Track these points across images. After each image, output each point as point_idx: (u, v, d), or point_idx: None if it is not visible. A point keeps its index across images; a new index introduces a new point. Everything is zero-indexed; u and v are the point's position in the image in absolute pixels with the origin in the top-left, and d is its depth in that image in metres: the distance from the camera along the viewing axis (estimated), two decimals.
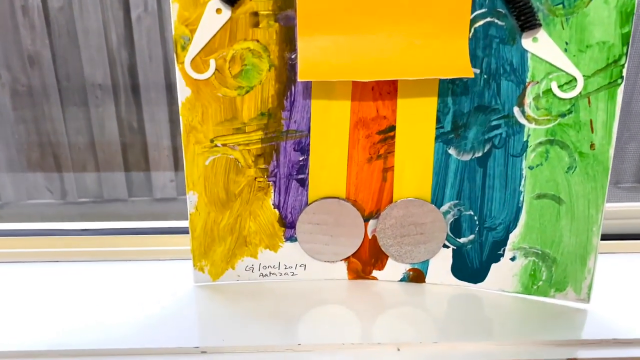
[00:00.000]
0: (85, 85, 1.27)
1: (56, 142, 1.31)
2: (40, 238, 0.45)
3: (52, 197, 1.38)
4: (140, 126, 1.30)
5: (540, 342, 0.35)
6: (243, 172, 0.37)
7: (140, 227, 0.46)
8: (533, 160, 0.36)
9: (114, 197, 1.37)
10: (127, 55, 1.23)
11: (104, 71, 1.23)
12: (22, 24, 1.19)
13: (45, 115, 1.28)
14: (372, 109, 0.36)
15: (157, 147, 1.30)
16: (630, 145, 1.45)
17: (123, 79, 1.25)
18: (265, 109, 0.35)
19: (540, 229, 0.37)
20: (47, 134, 1.30)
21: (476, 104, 0.35)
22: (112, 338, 0.35)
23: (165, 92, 1.23)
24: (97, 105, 1.27)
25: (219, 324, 0.36)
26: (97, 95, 1.26)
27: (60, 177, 1.34)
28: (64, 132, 1.30)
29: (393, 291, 0.40)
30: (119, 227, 0.46)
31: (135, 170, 1.34)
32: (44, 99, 1.26)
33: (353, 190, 0.38)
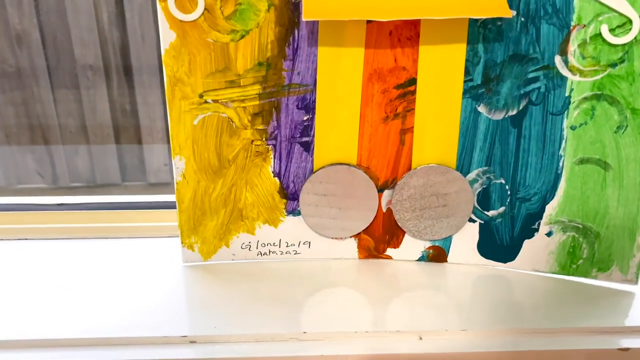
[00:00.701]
0: (76, 67, 1.21)
1: (46, 125, 1.25)
2: (10, 213, 0.39)
3: (44, 182, 1.32)
4: (133, 109, 1.24)
5: (580, 330, 0.30)
6: (238, 133, 0.31)
7: (122, 201, 0.40)
8: (576, 119, 0.30)
9: (107, 181, 1.31)
10: (119, 36, 1.17)
11: (95, 52, 1.17)
12: (9, 2, 1.13)
13: (34, 98, 1.22)
14: (389, 58, 0.30)
15: (151, 131, 1.24)
16: None
17: (115, 60, 1.19)
18: (264, 59, 0.30)
19: (583, 199, 0.31)
20: (37, 116, 1.24)
21: (511, 53, 0.30)
22: (88, 326, 0.29)
23: (158, 74, 1.17)
24: (89, 87, 1.21)
25: (211, 310, 0.31)
26: (88, 76, 1.20)
27: (52, 161, 1.29)
28: (54, 114, 1.24)
29: (410, 272, 0.34)
30: (99, 201, 0.40)
31: (129, 154, 1.28)
32: (33, 81, 1.21)
33: (366, 155, 0.32)
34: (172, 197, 0.35)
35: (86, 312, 0.30)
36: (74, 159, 1.30)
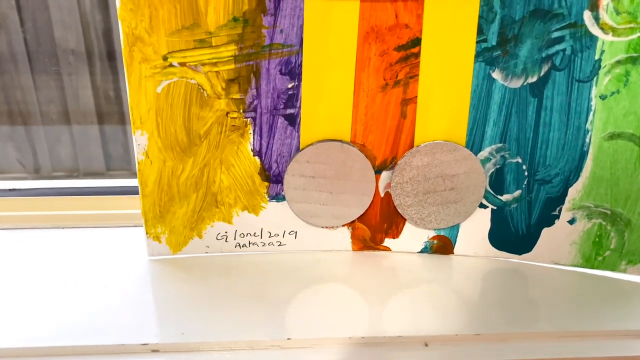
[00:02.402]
0: (57, 51, 1.15)
1: (27, 111, 1.19)
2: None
3: (25, 171, 1.26)
4: (117, 95, 1.18)
5: (607, 334, 0.25)
6: (210, 104, 0.26)
7: (81, 186, 0.35)
8: (607, 87, 0.25)
9: (91, 170, 1.26)
10: (102, 19, 1.11)
11: (76, 35, 1.11)
12: None
13: (14, 84, 1.16)
14: (389, 13, 0.25)
15: None
16: None
17: (98, 45, 1.13)
18: (240, 13, 0.24)
19: (612, 180, 0.27)
20: (16, 103, 1.18)
21: (532, 8, 0.25)
22: (36, 332, 0.24)
23: None
24: (70, 73, 1.15)
25: (179, 313, 0.26)
26: (69, 61, 1.14)
27: (33, 149, 1.23)
28: (35, 101, 1.18)
29: (412, 266, 0.29)
30: (55, 186, 0.35)
31: (113, 142, 1.23)
32: (12, 66, 1.14)
33: (361, 130, 0.27)
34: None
35: (31, 316, 0.25)
36: (56, 148, 1.24)
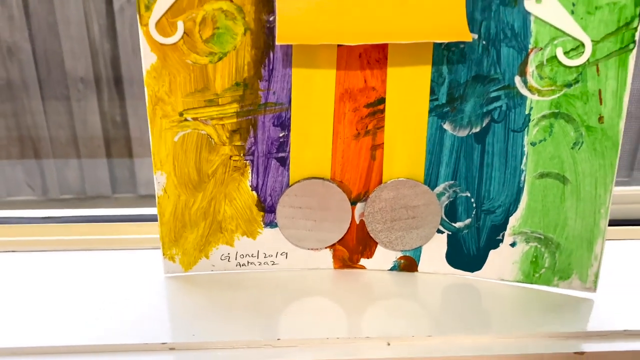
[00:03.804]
0: (67, 79, 1.22)
1: (37, 136, 1.26)
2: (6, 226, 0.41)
3: (34, 194, 1.32)
4: (124, 120, 1.25)
5: (543, 335, 0.31)
6: (217, 149, 0.33)
7: (106, 214, 0.42)
8: (536, 136, 0.32)
9: (97, 193, 1.32)
10: (110, 47, 1.18)
11: (86, 64, 1.19)
12: (1, 15, 1.14)
13: (25, 109, 1.23)
14: (359, 79, 0.32)
15: (142, 142, 1.25)
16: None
17: (106, 72, 1.21)
18: (241, 79, 0.32)
19: (543, 211, 0.33)
20: (27, 128, 1.25)
21: (474, 74, 0.32)
22: (70, 334, 0.31)
23: None
24: (79, 99, 1.23)
25: (190, 318, 0.32)
26: (78, 88, 1.22)
27: (42, 172, 1.29)
28: (45, 126, 1.25)
29: (383, 281, 0.36)
30: (84, 214, 0.42)
31: (119, 166, 1.30)
32: (24, 93, 1.22)
33: (339, 170, 0.34)
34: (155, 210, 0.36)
35: (70, 321, 0.32)
36: (64, 171, 1.31)
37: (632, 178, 1.55)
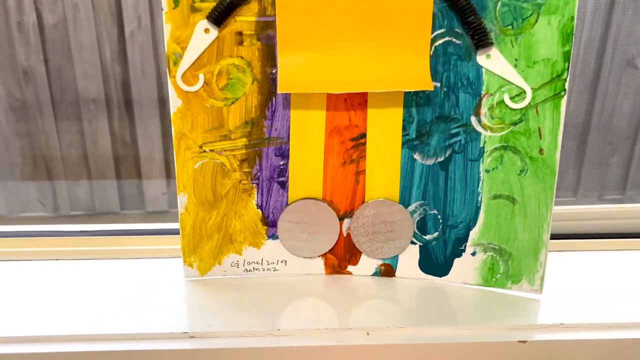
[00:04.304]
0: (79, 100, 1.31)
1: (49, 155, 1.35)
2: (46, 239, 0.49)
3: (45, 210, 1.41)
4: (133, 140, 1.34)
5: (496, 327, 0.39)
6: (229, 175, 0.41)
7: (134, 229, 0.50)
8: (489, 164, 0.40)
9: (106, 210, 1.41)
10: (121, 70, 1.27)
11: (97, 86, 1.28)
12: (18, 40, 1.23)
13: (39, 129, 1.32)
14: (345, 118, 0.40)
15: (150, 161, 1.34)
16: (613, 158, 1.50)
17: (116, 94, 1.30)
18: (249, 118, 0.40)
19: (497, 226, 0.41)
20: (40, 147, 1.34)
21: (437, 114, 0.40)
22: (109, 325, 0.39)
23: (157, 107, 1.28)
24: (91, 119, 1.31)
25: (207, 313, 0.40)
26: (90, 109, 1.30)
27: (53, 190, 1.38)
28: (57, 145, 1.34)
29: (366, 284, 0.44)
30: (115, 229, 0.50)
31: (128, 183, 1.38)
32: (38, 113, 1.30)
33: (329, 191, 0.42)
34: (173, 225, 0.44)
35: (108, 314, 0.40)
36: (75, 189, 1.39)
37: (625, 196, 1.62)
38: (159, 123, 1.26)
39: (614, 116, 1.37)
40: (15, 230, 0.52)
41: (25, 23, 1.20)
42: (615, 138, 1.42)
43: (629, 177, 1.47)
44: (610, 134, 1.41)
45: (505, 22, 0.37)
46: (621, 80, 1.33)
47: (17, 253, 0.48)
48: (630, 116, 1.38)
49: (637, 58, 1.33)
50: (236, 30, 0.38)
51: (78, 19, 1.20)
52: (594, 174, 1.44)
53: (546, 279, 0.42)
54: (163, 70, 1.24)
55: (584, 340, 0.38)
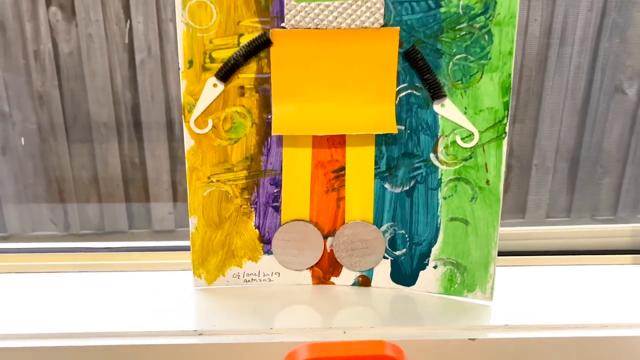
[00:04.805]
0: (91, 124, 1.42)
1: (61, 176, 1.45)
2: (71, 254, 0.59)
3: (56, 229, 1.51)
4: (142, 161, 1.44)
5: (452, 327, 0.49)
6: (232, 201, 0.51)
7: (151, 245, 0.60)
8: (446, 192, 0.50)
9: (115, 229, 1.51)
10: (131, 96, 1.38)
11: (108, 110, 1.38)
12: (34, 67, 1.34)
13: (52, 151, 1.42)
14: (327, 154, 0.50)
15: (157, 182, 1.44)
16: (604, 180, 1.59)
17: (126, 118, 1.40)
18: (249, 154, 0.50)
19: (454, 244, 0.51)
20: (53, 168, 1.44)
21: (403, 151, 0.50)
22: (127, 323, 0.48)
23: (165, 130, 1.38)
24: (101, 142, 1.42)
25: (212, 315, 0.50)
26: (101, 132, 1.41)
27: (64, 209, 1.48)
28: (69, 167, 1.44)
29: (346, 293, 0.53)
30: (133, 245, 0.60)
31: (136, 203, 1.47)
32: (52, 136, 1.41)
33: (315, 214, 0.52)
34: (183, 243, 0.54)
35: (126, 316, 0.49)
36: (85, 208, 1.49)
37: (617, 217, 1.71)
38: (167, 146, 1.36)
39: (604, 140, 1.46)
40: (32, 247, 0.62)
41: (42, 52, 1.31)
42: (605, 161, 1.51)
43: (620, 198, 1.55)
44: (600, 157, 1.50)
45: (456, 78, 0.47)
46: (610, 105, 1.43)
47: (35, 267, 0.58)
48: (619, 140, 1.48)
49: (624, 84, 1.43)
50: (239, 85, 0.48)
51: (92, 48, 1.30)
52: (587, 195, 1.53)
53: (496, 288, 0.51)
54: (171, 95, 1.35)
55: (523, 338, 0.48)
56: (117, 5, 1.30)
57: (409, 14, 0.47)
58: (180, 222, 1.43)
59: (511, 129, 1.40)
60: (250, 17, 0.46)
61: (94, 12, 1.29)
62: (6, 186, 1.40)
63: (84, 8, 1.28)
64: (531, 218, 1.52)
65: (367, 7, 0.46)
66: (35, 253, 0.60)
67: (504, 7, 0.46)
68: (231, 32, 0.47)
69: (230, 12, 0.46)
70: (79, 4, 1.27)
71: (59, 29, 1.30)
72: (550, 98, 1.41)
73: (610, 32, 1.35)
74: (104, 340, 0.47)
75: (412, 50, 0.47)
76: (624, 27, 1.36)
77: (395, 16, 0.47)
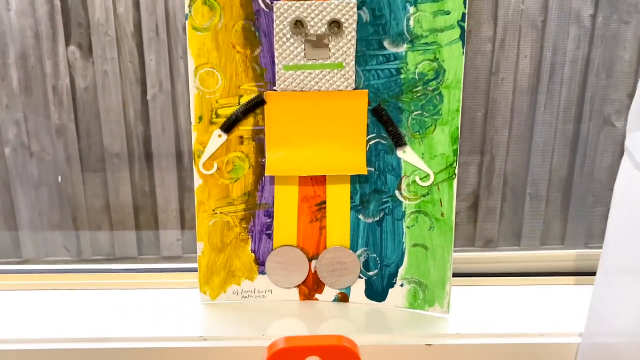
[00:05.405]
0: (104, 154, 1.55)
1: (75, 204, 1.58)
2: (90, 274, 0.72)
3: (69, 255, 1.64)
4: (152, 190, 1.57)
5: (413, 335, 0.60)
6: (232, 229, 0.64)
7: (165, 267, 0.73)
8: (409, 222, 0.62)
9: (125, 255, 1.63)
10: (143, 128, 1.52)
11: (121, 142, 1.52)
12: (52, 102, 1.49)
13: (66, 181, 1.56)
14: (311, 190, 0.63)
15: (166, 210, 1.56)
16: (596, 209, 1.71)
17: (138, 149, 1.53)
18: (247, 191, 0.63)
19: (416, 266, 0.63)
20: (67, 197, 1.57)
21: (373, 189, 0.62)
22: (144, 330, 0.61)
23: (175, 160, 1.52)
24: (114, 172, 1.55)
25: (215, 324, 0.62)
26: (114, 162, 1.54)
27: (77, 236, 1.61)
28: (82, 195, 1.58)
29: (328, 307, 0.66)
30: (149, 267, 0.73)
31: (145, 230, 1.60)
32: (67, 166, 1.55)
33: (301, 240, 0.64)
34: (189, 264, 0.67)
35: (141, 324, 0.62)
36: (97, 235, 1.62)
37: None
38: (176, 175, 1.49)
39: (595, 170, 1.57)
40: (51, 268, 0.75)
41: (60, 87, 1.46)
42: (597, 190, 1.62)
43: None
44: (592, 186, 1.61)
45: (414, 130, 0.60)
46: (600, 137, 1.55)
47: (55, 284, 0.71)
48: (610, 169, 1.59)
49: (613, 117, 1.55)
50: (239, 135, 0.61)
51: (106, 83, 1.45)
52: (579, 223, 1.64)
53: (454, 304, 0.63)
54: (181, 128, 1.49)
55: (472, 344, 0.60)
56: (131, 45, 1.44)
57: (376, 79, 0.60)
58: (188, 248, 1.56)
59: (504, 160, 1.52)
60: (248, 82, 0.60)
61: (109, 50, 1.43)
62: (22, 213, 1.54)
63: (100, 47, 1.42)
64: (526, 245, 1.63)
65: (341, 74, 0.59)
66: (55, 273, 0.73)
67: (451, 73, 0.59)
68: (233, 94, 0.60)
69: (232, 79, 0.60)
70: (96, 43, 1.41)
71: (76, 66, 1.44)
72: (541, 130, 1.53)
73: (597, 67, 1.47)
74: (123, 344, 0.60)
75: (379, 107, 0.60)
76: (610, 64, 1.49)
77: (364, 81, 0.60)
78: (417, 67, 0.59)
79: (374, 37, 0.59)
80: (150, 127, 1.53)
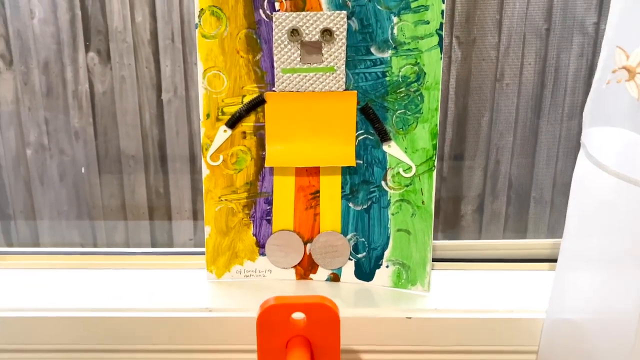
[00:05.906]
0: (121, 157, 1.66)
1: (92, 204, 1.69)
2: (113, 256, 0.82)
3: None
4: (166, 191, 1.67)
5: (397, 309, 0.69)
6: (236, 215, 0.73)
7: (176, 250, 0.82)
8: (394, 210, 0.71)
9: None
10: (158, 132, 1.62)
11: (137, 144, 1.62)
12: (72, 105, 1.60)
13: (84, 181, 1.66)
14: (306, 181, 0.72)
15: (179, 210, 1.66)
16: None
17: (153, 151, 1.64)
18: (249, 180, 0.72)
19: (400, 249, 0.72)
20: (85, 197, 1.68)
21: (362, 179, 0.71)
22: (157, 302, 0.70)
23: (188, 163, 1.61)
24: (130, 173, 1.66)
25: (220, 298, 0.71)
26: (130, 164, 1.65)
27: (93, 235, 1.71)
28: (99, 195, 1.68)
29: (321, 286, 0.75)
30: (162, 251, 0.82)
31: (159, 229, 1.70)
32: (85, 167, 1.65)
33: (297, 225, 0.74)
34: (197, 249, 0.76)
35: (154, 298, 0.71)
36: (113, 234, 1.72)
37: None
38: (189, 177, 1.59)
39: None
40: (72, 250, 0.85)
41: (79, 91, 1.57)
42: None
43: None
44: None
45: (398, 127, 0.69)
46: None
47: (75, 264, 0.81)
48: None
49: None
50: (242, 130, 0.71)
51: (124, 88, 1.55)
52: None
53: (435, 285, 0.72)
54: (194, 131, 1.59)
55: (448, 318, 0.68)
56: (147, 51, 1.55)
57: (364, 81, 0.69)
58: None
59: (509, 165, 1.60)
60: (250, 83, 0.70)
61: (127, 57, 1.54)
62: (42, 212, 1.64)
63: (118, 53, 1.53)
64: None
65: (333, 77, 0.69)
66: (75, 254, 0.83)
67: (431, 76, 0.68)
68: (237, 94, 0.70)
69: (237, 80, 0.69)
70: (114, 49, 1.52)
71: (95, 72, 1.55)
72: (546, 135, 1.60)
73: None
74: (139, 313, 0.70)
75: (366, 107, 0.70)
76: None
77: (353, 83, 0.69)
78: (400, 70, 0.68)
79: (362, 44, 0.68)
80: (165, 130, 1.63)
